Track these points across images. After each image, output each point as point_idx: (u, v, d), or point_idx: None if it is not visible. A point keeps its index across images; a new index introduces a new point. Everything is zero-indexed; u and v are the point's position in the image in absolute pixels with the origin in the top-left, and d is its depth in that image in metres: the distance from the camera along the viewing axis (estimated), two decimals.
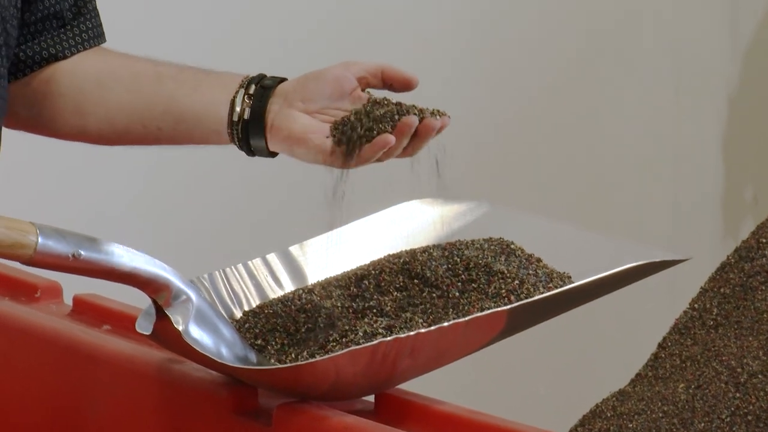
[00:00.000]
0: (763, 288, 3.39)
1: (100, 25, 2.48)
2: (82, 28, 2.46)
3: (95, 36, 2.47)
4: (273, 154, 2.37)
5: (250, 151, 2.38)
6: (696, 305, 3.44)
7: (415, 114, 2.30)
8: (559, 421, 3.23)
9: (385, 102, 2.33)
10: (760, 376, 3.19)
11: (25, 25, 2.41)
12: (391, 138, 2.27)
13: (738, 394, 3.16)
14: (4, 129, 2.41)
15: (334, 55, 3.45)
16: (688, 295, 3.45)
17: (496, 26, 3.85)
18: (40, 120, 2.47)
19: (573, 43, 3.97)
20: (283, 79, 2.37)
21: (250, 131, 2.35)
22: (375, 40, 3.62)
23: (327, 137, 2.31)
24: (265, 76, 2.37)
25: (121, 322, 2.50)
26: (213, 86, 2.39)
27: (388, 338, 2.21)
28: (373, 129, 2.30)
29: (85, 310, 2.60)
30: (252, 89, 2.36)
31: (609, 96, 3.99)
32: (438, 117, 2.31)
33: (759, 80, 4.09)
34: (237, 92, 2.36)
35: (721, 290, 3.42)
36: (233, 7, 3.56)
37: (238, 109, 2.35)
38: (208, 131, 2.39)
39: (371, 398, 2.30)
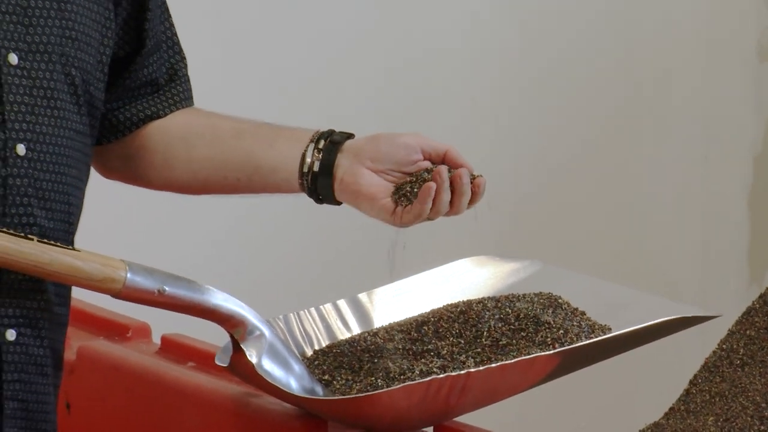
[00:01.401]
0: None
1: (190, 89, 2.48)
2: (173, 92, 2.46)
3: (184, 99, 2.47)
4: (339, 203, 2.36)
5: (319, 200, 2.37)
6: (724, 346, 3.42)
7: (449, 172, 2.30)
8: None
9: None
10: None
11: (125, 90, 2.41)
12: (433, 184, 2.26)
13: (763, 427, 3.14)
14: (104, 180, 2.44)
15: (394, 113, 3.47)
16: (717, 336, 3.43)
17: (541, 91, 3.84)
18: (134, 173, 2.46)
19: (612, 107, 3.95)
20: (350, 135, 2.38)
21: (318, 182, 2.35)
22: (432, 99, 3.61)
23: (389, 197, 2.31)
24: (335, 131, 2.37)
25: (204, 359, 2.49)
26: (287, 141, 2.38)
27: (441, 375, 2.22)
28: None
29: (171, 348, 2.60)
30: (321, 144, 2.35)
31: (644, 155, 3.97)
32: (475, 178, 2.30)
33: None
34: (308, 146, 2.35)
35: (747, 332, 3.40)
36: (308, 70, 3.56)
37: (308, 161, 2.34)
38: (281, 181, 2.38)
39: (429, 430, 2.31)
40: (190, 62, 2.49)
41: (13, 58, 2.20)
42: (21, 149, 2.20)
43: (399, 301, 2.48)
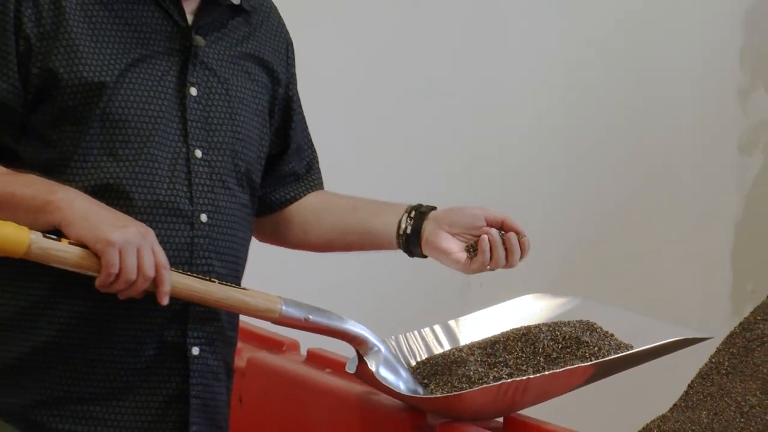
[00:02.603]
0: (759, 349, 3.30)
1: (320, 177, 2.49)
2: (309, 180, 2.47)
3: (317, 185, 2.47)
4: (425, 256, 2.35)
5: (411, 254, 2.36)
6: (713, 359, 3.36)
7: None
8: None
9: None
10: (757, 408, 3.09)
11: (275, 178, 2.41)
12: (485, 238, 2.26)
13: (742, 420, 3.07)
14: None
15: (468, 190, 3.41)
16: (708, 352, 3.36)
17: (580, 175, 3.77)
18: (278, 237, 2.47)
19: (631, 192, 3.88)
20: (433, 207, 2.35)
21: (410, 241, 2.33)
22: (497, 178, 3.55)
23: (462, 252, 2.29)
24: (422, 205, 2.36)
25: (337, 367, 2.47)
26: (388, 212, 2.37)
27: (508, 380, 2.21)
28: None
29: (314, 359, 2.59)
30: (412, 214, 2.34)
31: (655, 222, 3.91)
32: (522, 238, 2.29)
33: (757, 212, 4.01)
34: (402, 216, 2.34)
35: (731, 350, 3.34)
36: (409, 159, 3.50)
37: (403, 226, 2.34)
38: (384, 242, 2.37)
39: (500, 420, 2.28)
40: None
41: (199, 153, 2.19)
42: (204, 218, 2.19)
43: (478, 326, 2.45)
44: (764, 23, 3.93)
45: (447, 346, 2.40)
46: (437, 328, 2.44)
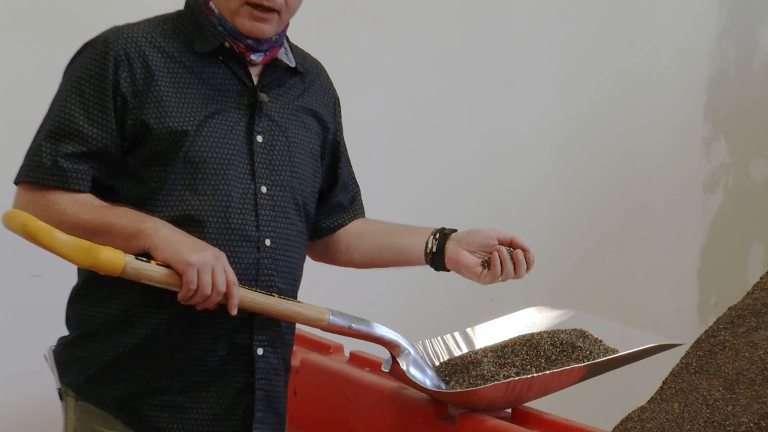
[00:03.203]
0: (721, 352, 3.26)
1: (362, 207, 2.49)
2: (353, 209, 2.46)
3: (359, 214, 2.47)
4: (448, 270, 2.33)
5: (436, 269, 2.35)
6: (683, 361, 3.31)
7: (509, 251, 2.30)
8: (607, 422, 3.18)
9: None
10: (720, 401, 3.06)
11: (325, 209, 2.41)
12: (496, 255, 2.27)
13: (708, 411, 3.03)
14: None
15: (483, 215, 3.40)
16: (679, 355, 3.35)
17: (575, 205, 3.76)
18: (328, 257, 2.46)
19: (614, 217, 3.86)
20: (454, 230, 2.35)
21: (436, 258, 2.33)
22: (507, 211, 3.54)
23: (478, 266, 2.28)
24: (445, 228, 2.35)
25: (375, 366, 2.45)
26: (417, 235, 2.36)
27: (516, 378, 2.20)
28: None
29: (355, 359, 2.57)
30: (437, 235, 2.34)
31: (637, 249, 3.89)
32: (527, 254, 2.29)
33: (718, 239, 4.00)
34: (429, 237, 2.34)
35: (698, 353, 3.30)
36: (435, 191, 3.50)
37: (429, 246, 2.33)
38: (415, 259, 2.36)
39: (509, 410, 2.27)
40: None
41: (264, 189, 2.20)
42: (268, 242, 2.19)
43: (490, 333, 2.44)
44: (723, 87, 3.93)
45: (465, 350, 2.39)
46: (456, 334, 2.44)
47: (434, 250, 2.32)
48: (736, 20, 3.96)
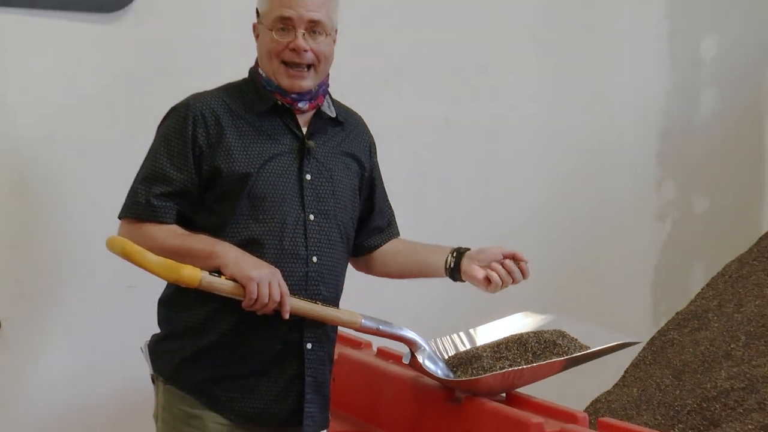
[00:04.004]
0: (670, 348, 3.25)
1: (397, 228, 2.43)
2: (389, 232, 2.41)
3: (394, 235, 2.41)
4: (463, 281, 2.29)
5: (454, 280, 2.31)
6: (641, 355, 3.31)
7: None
8: (581, 403, 3.15)
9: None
10: (670, 386, 3.04)
11: (365, 232, 2.37)
12: (499, 267, 2.22)
13: (660, 394, 3.01)
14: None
15: (489, 231, 3.40)
16: (637, 350, 3.32)
17: (557, 234, 3.72)
18: (368, 269, 2.41)
19: (586, 242, 3.82)
20: (468, 249, 2.29)
21: (453, 272, 2.28)
22: (504, 236, 3.50)
23: (485, 278, 2.24)
24: (461, 247, 2.30)
25: (397, 360, 2.41)
26: (438, 253, 2.31)
27: (509, 369, 2.17)
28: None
29: (382, 354, 2.53)
30: (454, 254, 2.29)
31: (603, 267, 3.84)
32: (521, 263, 2.26)
33: (668, 259, 3.98)
34: (448, 255, 2.29)
35: (652, 348, 3.30)
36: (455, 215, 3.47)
37: (448, 262, 2.28)
38: (437, 273, 2.31)
39: (504, 395, 2.24)
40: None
41: (312, 217, 2.19)
42: (314, 259, 2.18)
43: (488, 333, 2.39)
44: (670, 139, 3.92)
45: (468, 346, 2.36)
46: (461, 334, 2.40)
47: (452, 266, 2.28)
48: (680, 85, 3.95)
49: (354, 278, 2.37)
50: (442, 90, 3.42)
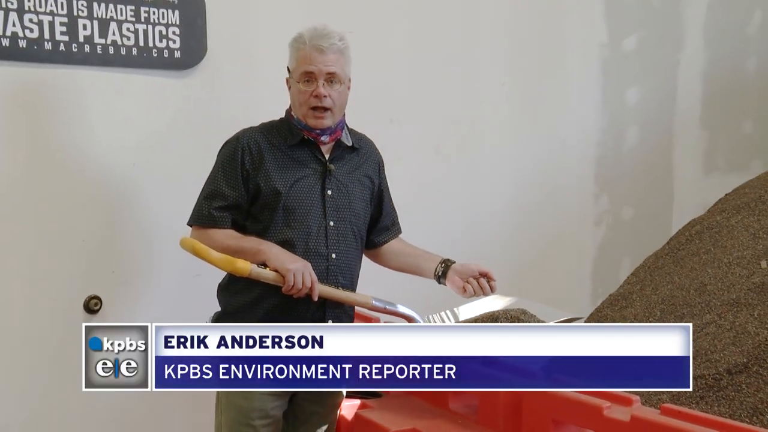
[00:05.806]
0: (606, 322, 3.17)
1: (400, 227, 2.37)
2: (392, 231, 2.35)
3: (397, 232, 2.36)
4: (446, 285, 2.23)
5: (440, 284, 2.25)
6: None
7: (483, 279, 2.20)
8: None
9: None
10: None
11: (376, 230, 2.31)
12: (475, 281, 2.16)
13: None
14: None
15: (468, 231, 3.36)
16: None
17: (522, 237, 3.67)
18: (377, 261, 2.34)
19: (542, 241, 3.77)
20: (454, 261, 2.24)
21: (440, 278, 2.24)
22: (477, 246, 3.45)
23: (462, 288, 2.19)
24: (449, 259, 2.25)
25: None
26: (430, 261, 2.26)
27: None
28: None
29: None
30: (443, 264, 2.24)
31: (553, 260, 3.80)
32: (491, 282, 2.20)
33: (604, 255, 3.93)
34: (438, 264, 2.24)
35: (591, 322, 3.22)
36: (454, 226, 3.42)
37: (437, 270, 2.24)
38: (427, 275, 2.26)
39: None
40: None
41: (332, 223, 2.16)
42: (333, 256, 2.15)
43: (469, 311, 2.38)
44: (605, 163, 3.91)
45: (453, 321, 2.33)
46: (448, 312, 2.39)
47: (440, 273, 2.23)
48: (611, 124, 3.96)
49: (368, 269, 2.33)
50: (434, 126, 3.41)
